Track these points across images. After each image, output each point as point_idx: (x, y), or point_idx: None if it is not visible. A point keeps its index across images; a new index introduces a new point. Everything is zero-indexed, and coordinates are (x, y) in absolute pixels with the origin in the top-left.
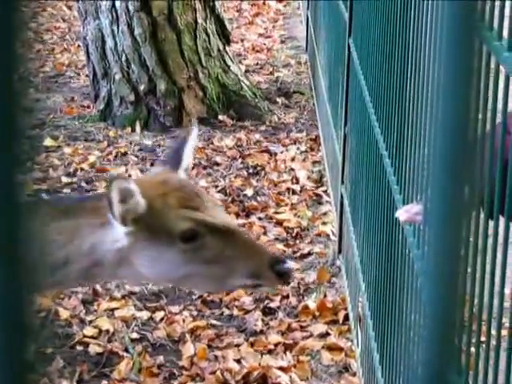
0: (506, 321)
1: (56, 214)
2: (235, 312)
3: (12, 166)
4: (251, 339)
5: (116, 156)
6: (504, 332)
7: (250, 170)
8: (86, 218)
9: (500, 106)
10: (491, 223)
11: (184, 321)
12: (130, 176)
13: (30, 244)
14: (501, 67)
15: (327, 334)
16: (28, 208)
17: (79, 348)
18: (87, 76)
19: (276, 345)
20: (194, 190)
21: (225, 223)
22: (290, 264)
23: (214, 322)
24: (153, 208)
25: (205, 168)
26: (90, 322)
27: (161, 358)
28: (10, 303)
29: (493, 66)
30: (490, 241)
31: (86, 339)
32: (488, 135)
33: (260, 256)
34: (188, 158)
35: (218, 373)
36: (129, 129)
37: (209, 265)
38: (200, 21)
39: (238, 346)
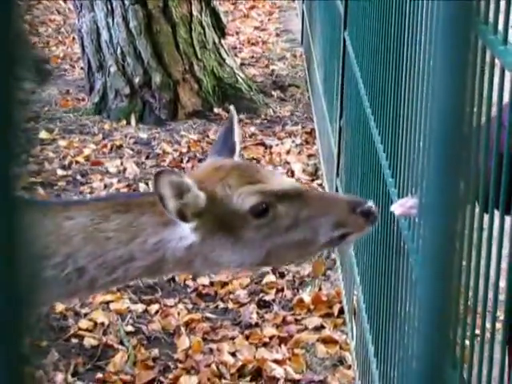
0: (500, 314)
1: (115, 209)
2: (230, 305)
3: (8, 159)
4: (246, 332)
5: (111, 149)
6: (498, 325)
7: None
8: (147, 215)
9: (495, 99)
10: (486, 216)
11: (179, 314)
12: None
13: (27, 239)
14: (496, 60)
15: (322, 327)
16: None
17: (74, 341)
18: (82, 69)
19: (271, 338)
20: (251, 166)
21: (291, 187)
22: (371, 203)
23: (209, 315)
24: (215, 196)
25: (200, 161)
26: (85, 314)
27: (156, 351)
28: (7, 298)
29: (488, 59)
30: (485, 234)
31: (81, 332)
32: (483, 128)
33: (338, 205)
34: (238, 145)
35: (213, 365)
36: (124, 122)
37: (290, 233)
38: (195, 13)
39: (232, 338)
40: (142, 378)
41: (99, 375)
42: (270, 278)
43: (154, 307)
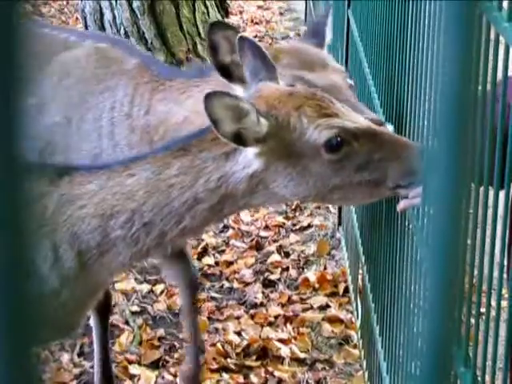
0: (505, 292)
1: (175, 155)
2: (235, 285)
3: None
4: (251, 311)
5: None
6: (504, 303)
7: None
8: (206, 151)
9: (500, 76)
10: (491, 194)
11: None
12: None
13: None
14: (500, 37)
15: (327, 306)
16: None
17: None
18: None
19: (276, 317)
20: (326, 97)
21: (367, 126)
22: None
23: (214, 294)
24: (289, 124)
25: None
26: None
27: (161, 331)
28: (12, 275)
29: (492, 36)
30: (490, 212)
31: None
32: (488, 105)
33: (412, 151)
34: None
35: (219, 345)
36: None
37: (360, 172)
38: None
39: (238, 318)
40: (148, 357)
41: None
42: (275, 257)
43: (160, 287)
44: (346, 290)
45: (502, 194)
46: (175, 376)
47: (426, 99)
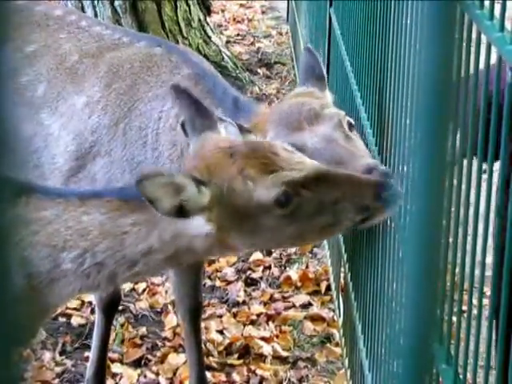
0: (487, 290)
1: (131, 205)
2: (217, 283)
3: None
4: (234, 310)
5: None
6: (485, 301)
7: None
8: (153, 212)
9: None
10: (473, 192)
11: (166, 292)
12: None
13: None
14: (482, 36)
15: (309, 305)
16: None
17: (62, 319)
18: None
19: (258, 315)
20: (266, 148)
21: (314, 170)
22: (396, 187)
23: None
24: (234, 190)
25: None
26: None
27: (143, 329)
28: None
29: (474, 35)
30: (472, 211)
31: (69, 311)
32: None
33: (363, 187)
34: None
35: (202, 343)
36: None
37: (314, 217)
38: None
39: (220, 316)
40: (130, 356)
41: (87, 354)
42: (257, 255)
43: (142, 286)
44: (328, 288)
45: (483, 191)
46: (157, 374)
47: (408, 96)
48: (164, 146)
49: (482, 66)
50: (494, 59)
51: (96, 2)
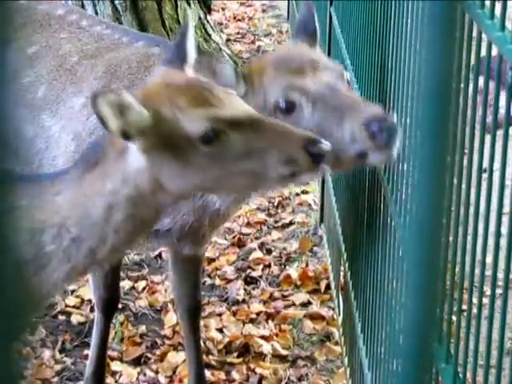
0: (487, 289)
1: (89, 167)
2: (217, 281)
3: None
4: (233, 308)
5: None
6: (485, 300)
7: None
8: (108, 155)
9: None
10: (473, 192)
11: (166, 290)
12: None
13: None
14: (483, 35)
15: (309, 303)
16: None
17: (61, 318)
18: None
19: (258, 314)
20: (205, 86)
21: (244, 114)
22: (325, 144)
23: None
24: (161, 116)
25: None
26: (72, 291)
27: (143, 328)
28: None
29: (475, 34)
30: (472, 210)
31: (69, 309)
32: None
33: (292, 139)
34: (192, 53)
35: (201, 341)
36: None
37: (240, 162)
38: None
39: (220, 315)
40: (130, 354)
41: (87, 352)
42: (257, 254)
43: (141, 284)
44: (328, 286)
45: (483, 190)
46: (157, 373)
47: (408, 95)
48: None
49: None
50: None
51: (96, 1)
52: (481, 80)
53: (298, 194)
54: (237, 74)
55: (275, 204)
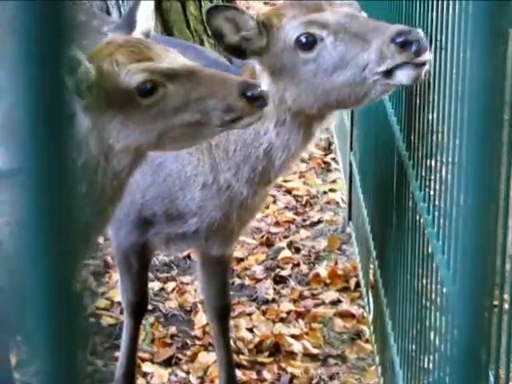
0: None
1: None
2: (246, 281)
3: None
4: (263, 308)
5: None
6: None
7: None
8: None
9: None
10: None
11: (195, 291)
12: None
13: None
14: None
15: (339, 301)
16: None
17: (92, 320)
18: None
19: (288, 313)
20: (144, 43)
21: (182, 65)
22: (262, 88)
23: None
24: (103, 71)
25: None
26: (102, 293)
27: (173, 329)
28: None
29: None
30: (501, 204)
31: (99, 311)
32: None
33: (228, 86)
34: (145, 21)
35: (231, 342)
36: None
37: (180, 113)
38: None
39: (250, 314)
40: (161, 355)
41: (117, 354)
42: (286, 253)
43: (171, 285)
44: (358, 284)
45: None
46: (188, 373)
47: (435, 92)
48: None
49: None
50: None
51: (121, 2)
52: None
53: (325, 193)
54: (258, 25)
55: (303, 203)
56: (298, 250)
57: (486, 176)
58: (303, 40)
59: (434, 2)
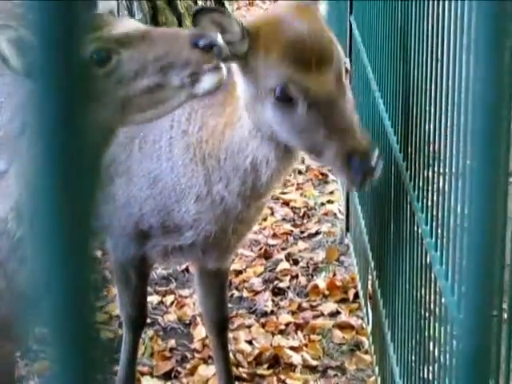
0: None
1: None
2: (245, 293)
3: None
4: (262, 320)
5: None
6: None
7: None
8: None
9: None
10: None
11: (194, 304)
12: None
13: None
14: None
15: (338, 313)
16: None
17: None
18: None
19: (287, 325)
20: (97, 15)
21: (134, 30)
22: (214, 38)
23: None
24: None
25: None
26: (101, 307)
27: (172, 342)
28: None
29: None
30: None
31: (97, 325)
32: None
33: (179, 42)
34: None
35: (230, 354)
36: None
37: (139, 78)
38: (200, 3)
39: (249, 327)
40: (160, 368)
41: (116, 368)
42: (284, 265)
43: (170, 298)
44: (356, 295)
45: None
46: None
47: (431, 101)
48: (177, 154)
49: None
50: None
51: (117, 17)
52: None
53: (323, 204)
54: (243, 32)
55: (300, 214)
56: (296, 262)
57: (485, 187)
58: (278, 93)
59: (429, 20)
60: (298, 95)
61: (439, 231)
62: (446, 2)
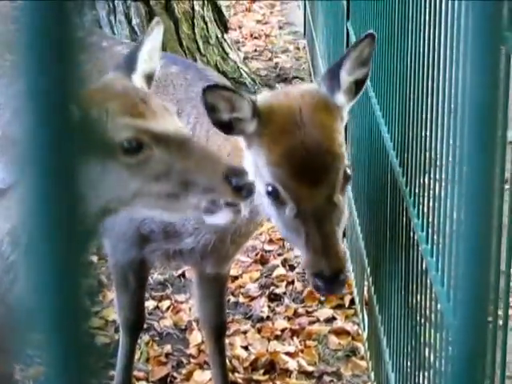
0: None
1: None
2: (241, 299)
3: None
4: (258, 325)
5: None
6: (511, 311)
7: None
8: None
9: None
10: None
11: (190, 309)
12: None
13: None
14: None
15: (333, 319)
16: None
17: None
18: None
19: (283, 330)
20: (140, 95)
21: (173, 131)
22: (249, 178)
23: None
24: (89, 116)
25: None
26: (96, 312)
27: (168, 347)
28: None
29: None
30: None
31: (93, 330)
32: None
33: (214, 167)
34: (148, 62)
35: (226, 360)
36: None
37: (159, 181)
38: (197, 8)
39: (244, 332)
40: (156, 374)
41: (112, 373)
42: (280, 270)
43: (165, 303)
44: (352, 301)
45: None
46: None
47: (428, 109)
48: None
49: None
50: None
51: (113, 21)
52: None
53: None
54: (253, 111)
55: None
56: (292, 268)
57: (481, 193)
58: (269, 190)
59: (427, 28)
60: (287, 201)
61: (435, 237)
62: (443, 12)
